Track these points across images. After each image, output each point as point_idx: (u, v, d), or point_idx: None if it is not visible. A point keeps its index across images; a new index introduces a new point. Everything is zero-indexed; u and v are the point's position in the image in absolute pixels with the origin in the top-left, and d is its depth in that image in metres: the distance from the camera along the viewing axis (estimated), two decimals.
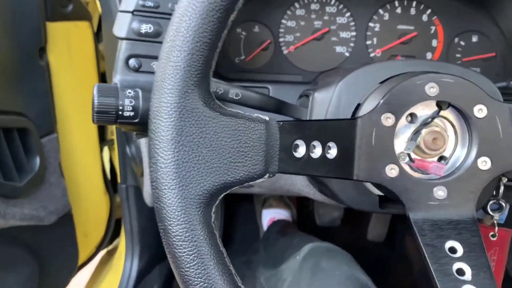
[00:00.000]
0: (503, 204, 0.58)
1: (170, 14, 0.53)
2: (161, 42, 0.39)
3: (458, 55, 0.86)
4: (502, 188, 0.57)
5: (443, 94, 0.46)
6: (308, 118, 0.56)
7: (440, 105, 0.48)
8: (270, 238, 1.33)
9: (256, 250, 1.32)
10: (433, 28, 0.86)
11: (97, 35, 1.13)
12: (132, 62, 0.57)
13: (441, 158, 0.50)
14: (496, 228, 0.61)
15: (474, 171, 0.47)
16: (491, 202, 0.58)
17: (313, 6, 0.86)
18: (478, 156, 0.47)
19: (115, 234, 1.33)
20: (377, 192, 0.56)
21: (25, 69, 0.91)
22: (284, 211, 1.50)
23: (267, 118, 0.40)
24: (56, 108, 1.01)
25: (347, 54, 0.87)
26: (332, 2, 0.86)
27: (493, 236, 0.62)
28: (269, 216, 1.50)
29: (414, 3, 0.86)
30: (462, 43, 0.86)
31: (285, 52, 0.87)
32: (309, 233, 1.18)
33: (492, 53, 0.85)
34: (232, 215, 1.58)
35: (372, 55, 0.87)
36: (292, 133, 0.41)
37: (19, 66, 0.89)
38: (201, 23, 0.35)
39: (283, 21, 0.87)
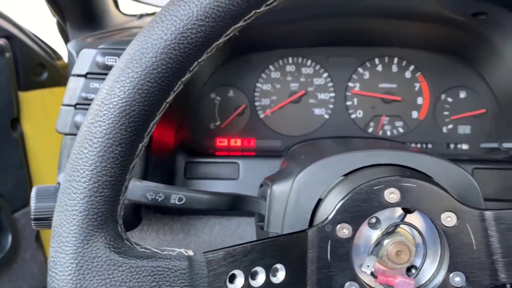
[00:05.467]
0: None
1: None
2: None
3: (446, 113, 0.80)
4: None
5: (405, 201, 0.40)
6: (267, 213, 0.50)
7: (407, 208, 0.42)
8: None
9: None
10: (417, 85, 0.81)
11: None
12: None
13: (412, 267, 0.44)
14: None
15: None
16: None
17: (289, 68, 0.82)
18: (450, 270, 0.40)
19: None
20: None
21: None
22: None
23: (191, 253, 0.34)
24: (33, 177, 0.98)
25: (326, 116, 0.82)
26: (308, 63, 0.82)
27: None
28: None
29: (395, 60, 0.81)
30: (449, 99, 0.80)
31: (262, 116, 0.82)
32: None
33: (482, 110, 0.79)
34: None
35: (353, 116, 0.81)
36: (225, 264, 0.35)
37: None
38: (98, 160, 0.30)
39: (258, 84, 0.82)
